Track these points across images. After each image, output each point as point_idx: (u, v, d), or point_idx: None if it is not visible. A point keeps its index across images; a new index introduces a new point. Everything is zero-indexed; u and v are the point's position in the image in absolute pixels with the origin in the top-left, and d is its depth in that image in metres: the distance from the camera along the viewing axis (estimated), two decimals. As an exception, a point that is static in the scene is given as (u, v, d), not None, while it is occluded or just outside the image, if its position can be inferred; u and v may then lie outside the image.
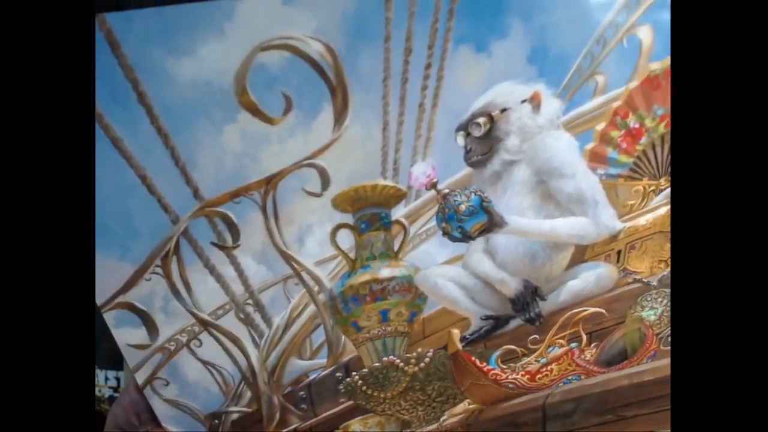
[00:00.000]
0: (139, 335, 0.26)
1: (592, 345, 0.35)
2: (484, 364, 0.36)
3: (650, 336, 0.35)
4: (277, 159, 0.22)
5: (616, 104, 0.23)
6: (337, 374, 0.33)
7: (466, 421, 0.36)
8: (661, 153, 0.25)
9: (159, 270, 0.24)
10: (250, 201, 0.23)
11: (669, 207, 0.29)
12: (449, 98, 0.22)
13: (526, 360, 0.35)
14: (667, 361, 0.34)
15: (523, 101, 0.23)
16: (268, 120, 0.22)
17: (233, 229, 0.24)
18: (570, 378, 0.36)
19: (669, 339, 0.35)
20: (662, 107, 0.24)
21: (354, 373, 0.32)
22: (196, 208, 0.22)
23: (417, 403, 0.35)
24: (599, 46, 0.22)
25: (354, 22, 0.21)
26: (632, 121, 0.24)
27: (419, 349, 0.32)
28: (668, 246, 0.29)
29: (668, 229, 0.29)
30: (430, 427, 0.34)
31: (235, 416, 0.32)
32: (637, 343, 0.35)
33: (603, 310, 0.32)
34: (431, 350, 0.32)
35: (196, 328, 0.27)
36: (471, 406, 0.36)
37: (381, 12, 0.21)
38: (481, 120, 0.23)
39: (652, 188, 0.26)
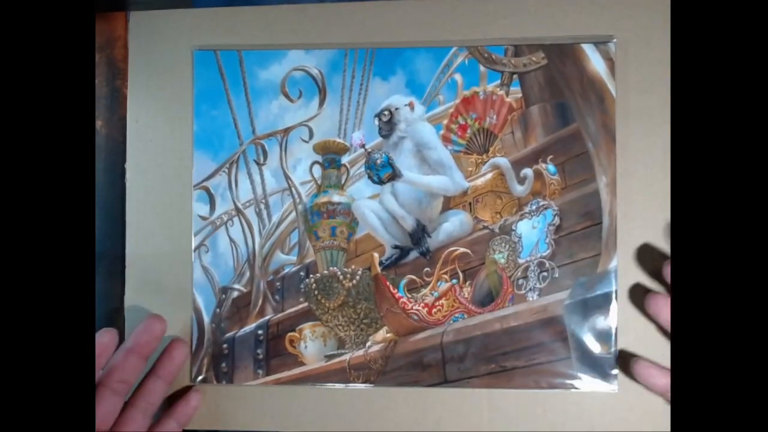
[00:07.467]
0: (205, 210, 0.45)
1: (467, 283, 0.46)
2: (396, 290, 0.46)
3: (505, 278, 0.45)
4: (290, 116, 0.45)
5: (451, 110, 0.43)
6: (301, 273, 0.45)
7: (385, 352, 0.45)
8: (479, 139, 0.44)
9: (226, 170, 0.46)
10: (275, 139, 0.46)
11: (493, 172, 0.44)
12: (372, 100, 0.43)
13: (424, 291, 0.45)
14: (525, 306, 0.41)
15: (405, 105, 0.44)
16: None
17: (264, 153, 0.46)
18: (457, 316, 0.45)
19: (520, 282, 0.44)
20: (475, 113, 0.43)
21: (311, 275, 0.45)
22: (251, 138, 0.45)
23: (350, 321, 0.44)
24: (438, 81, 0.44)
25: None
26: (461, 120, 0.44)
27: (353, 267, 0.44)
28: (499, 201, 0.44)
29: (497, 188, 0.43)
30: (359, 352, 0.44)
31: (235, 294, 0.44)
32: (497, 284, 0.43)
33: (468, 251, 0.45)
34: (360, 269, 0.44)
35: (233, 212, 0.47)
36: (388, 335, 0.45)
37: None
38: (386, 112, 0.44)
39: (480, 161, 0.45)
